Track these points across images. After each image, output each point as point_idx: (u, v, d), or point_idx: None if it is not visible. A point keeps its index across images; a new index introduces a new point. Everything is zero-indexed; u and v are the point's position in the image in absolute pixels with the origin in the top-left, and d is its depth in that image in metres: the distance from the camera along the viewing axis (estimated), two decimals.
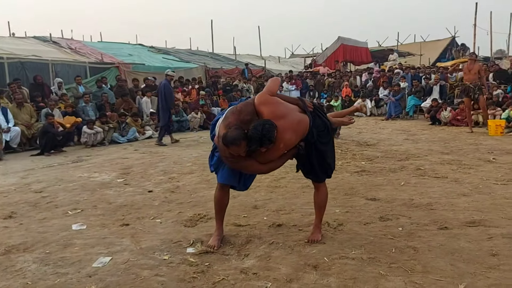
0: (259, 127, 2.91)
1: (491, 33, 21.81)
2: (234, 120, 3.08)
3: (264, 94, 3.17)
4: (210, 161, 3.57)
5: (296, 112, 3.20)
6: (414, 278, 2.72)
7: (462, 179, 5.33)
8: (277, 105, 3.14)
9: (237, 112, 3.13)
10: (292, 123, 3.11)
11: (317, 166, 3.36)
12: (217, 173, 3.52)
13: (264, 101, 3.12)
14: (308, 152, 3.30)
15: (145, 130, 10.96)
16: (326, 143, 3.36)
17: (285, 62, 29.04)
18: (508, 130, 9.46)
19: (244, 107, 3.16)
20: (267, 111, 3.07)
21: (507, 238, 3.29)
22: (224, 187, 3.48)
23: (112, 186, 5.64)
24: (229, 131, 2.96)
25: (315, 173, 3.42)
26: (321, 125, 3.31)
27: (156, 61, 18.32)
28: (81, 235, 3.78)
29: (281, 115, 3.09)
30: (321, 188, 3.51)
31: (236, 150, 2.98)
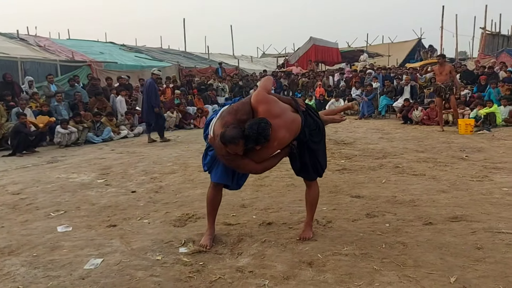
0: (255, 126, 2.94)
1: (456, 35, 22.63)
2: (231, 119, 3.09)
3: (262, 92, 3.19)
4: (204, 160, 3.56)
5: (290, 112, 3.24)
6: (407, 272, 2.81)
7: (439, 176, 5.52)
8: (273, 104, 3.18)
9: (233, 112, 3.15)
10: (286, 122, 3.15)
11: (309, 165, 3.41)
12: (210, 173, 3.53)
13: (261, 100, 3.14)
14: (300, 151, 3.35)
15: (120, 130, 10.77)
16: (318, 142, 3.42)
17: (258, 62, 29.13)
18: (477, 129, 9.84)
19: (241, 107, 3.17)
20: (263, 110, 3.10)
21: (489, 232, 3.44)
22: (218, 186, 3.49)
23: (93, 186, 5.52)
24: (227, 130, 2.97)
25: (307, 172, 3.47)
26: (313, 124, 3.37)
27: (129, 60, 18.02)
28: (68, 237, 3.69)
29: (276, 114, 3.12)
30: (312, 187, 3.56)
31: (234, 148, 3.00)
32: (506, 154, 6.97)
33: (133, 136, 10.95)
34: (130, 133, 10.94)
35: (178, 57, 22.01)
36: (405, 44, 27.63)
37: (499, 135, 9.25)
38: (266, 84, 3.33)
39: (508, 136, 8.98)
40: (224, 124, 3.08)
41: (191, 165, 6.77)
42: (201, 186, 5.32)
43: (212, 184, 3.51)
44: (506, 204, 4.21)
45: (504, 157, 6.73)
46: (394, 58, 24.96)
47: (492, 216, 3.83)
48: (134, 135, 11.04)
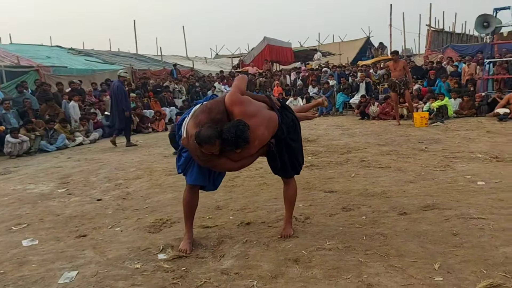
0: (233, 129, 2.85)
1: (404, 32, 23.52)
2: (204, 118, 3.00)
3: (235, 93, 3.11)
4: (177, 162, 3.45)
5: (266, 110, 3.20)
6: (391, 262, 2.85)
7: (404, 167, 5.68)
8: (247, 104, 3.10)
9: (207, 111, 3.06)
10: (264, 120, 3.10)
11: (287, 162, 3.38)
12: (185, 175, 3.42)
13: (235, 101, 3.06)
14: (278, 149, 3.32)
15: (75, 137, 10.30)
16: (296, 139, 3.40)
17: (212, 63, 28.93)
18: (431, 121, 10.26)
19: (215, 105, 3.09)
20: (239, 111, 3.02)
21: (462, 219, 3.56)
22: (194, 188, 3.39)
23: (54, 197, 5.23)
24: (202, 130, 2.88)
25: (285, 170, 3.44)
26: (290, 121, 3.34)
27: (78, 64, 17.34)
28: (35, 251, 3.46)
29: (252, 113, 3.05)
30: (290, 184, 3.54)
31: (209, 148, 2.91)
32: (461, 144, 7.30)
33: (89, 143, 10.52)
34: (85, 140, 10.49)
35: (130, 60, 21.42)
36: (355, 42, 28.37)
37: (452, 126, 9.69)
38: (240, 84, 3.24)
39: (461, 127, 9.42)
40: (197, 124, 2.99)
41: (156, 169, 6.58)
42: (170, 191, 5.17)
43: (187, 186, 3.40)
44: (471, 191, 4.39)
45: (460, 147, 7.04)
46: (345, 57, 25.54)
47: (461, 203, 3.98)
48: (90, 141, 10.60)
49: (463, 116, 11.24)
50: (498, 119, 9.99)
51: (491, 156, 6.02)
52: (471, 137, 8.00)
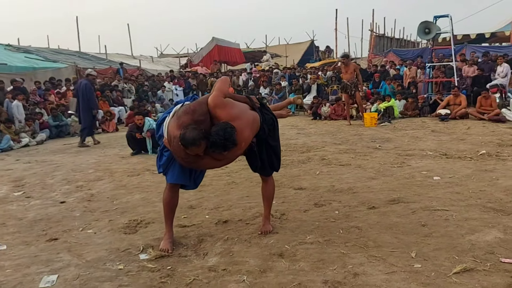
0: (221, 132, 2.88)
1: (348, 37, 24.50)
2: (187, 120, 2.99)
3: (218, 97, 3.09)
4: (159, 161, 3.41)
5: (248, 110, 3.26)
6: (371, 252, 3.02)
7: (364, 165, 5.96)
8: (231, 106, 3.13)
9: (190, 112, 3.05)
10: (248, 121, 3.15)
11: (266, 161, 3.46)
12: (165, 174, 3.40)
13: (218, 104, 3.06)
14: (259, 148, 3.38)
15: (21, 138, 9.72)
16: (276, 138, 3.49)
17: (159, 62, 28.39)
18: (379, 122, 10.78)
19: (198, 107, 3.08)
20: (223, 114, 3.05)
21: (427, 211, 3.83)
22: (174, 187, 3.38)
23: (11, 200, 4.95)
24: (187, 132, 2.87)
25: (264, 168, 3.50)
26: (270, 121, 3.42)
27: (18, 61, 16.38)
28: (5, 256, 3.29)
29: (236, 115, 3.09)
30: (269, 181, 3.61)
31: (195, 150, 2.92)
32: (411, 142, 7.76)
33: (35, 144, 9.97)
34: (32, 141, 9.93)
35: (73, 58, 20.56)
36: (300, 45, 29.03)
37: (399, 126, 10.25)
38: (222, 87, 3.20)
39: (407, 127, 9.99)
40: (180, 125, 2.98)
41: (116, 170, 6.40)
42: (137, 192, 5.08)
43: (168, 185, 3.39)
44: (429, 185, 4.71)
45: (410, 145, 7.49)
46: (291, 59, 26.12)
47: (423, 197, 4.27)
48: (37, 142, 10.05)
49: (407, 116, 11.91)
50: (440, 119, 10.70)
51: (440, 153, 6.47)
52: (418, 136, 8.53)
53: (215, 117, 3.06)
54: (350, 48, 25.42)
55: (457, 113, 10.81)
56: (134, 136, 7.56)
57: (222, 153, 3.00)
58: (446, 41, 18.75)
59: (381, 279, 2.62)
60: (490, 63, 13.41)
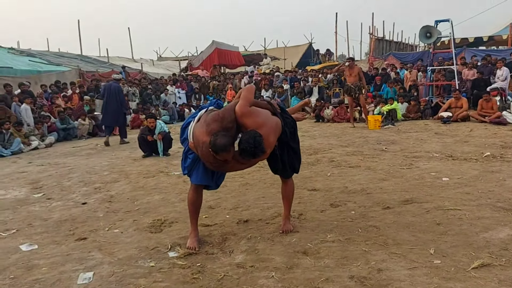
0: (251, 140, 3.03)
1: (347, 40, 24.76)
2: (217, 127, 3.13)
3: (245, 106, 3.24)
4: (183, 163, 3.56)
5: (271, 116, 3.42)
6: (392, 250, 3.17)
7: (373, 166, 6.12)
8: (257, 115, 3.29)
9: (219, 120, 3.19)
10: (272, 128, 3.32)
11: (287, 163, 3.60)
12: (189, 176, 3.54)
13: (245, 113, 3.22)
14: (281, 151, 3.54)
15: (31, 141, 9.85)
16: (297, 140, 3.65)
17: (159, 65, 28.55)
18: (383, 124, 10.96)
19: (227, 115, 3.22)
20: (250, 122, 3.21)
21: (440, 210, 3.99)
22: (199, 187, 3.52)
23: (33, 202, 5.09)
24: (218, 139, 3.02)
25: (285, 170, 3.65)
26: (291, 123, 3.59)
27: (22, 64, 16.52)
28: (38, 255, 3.43)
29: (262, 123, 3.25)
30: (288, 183, 3.76)
31: (225, 156, 3.07)
32: (416, 144, 7.93)
33: (44, 147, 10.09)
34: (41, 144, 10.06)
35: (75, 61, 20.72)
36: (298, 48, 29.24)
37: (402, 128, 10.43)
38: (248, 96, 3.35)
39: (410, 129, 10.18)
40: (210, 132, 3.12)
41: (130, 172, 6.54)
42: (156, 192, 5.22)
43: (193, 186, 3.53)
44: (440, 186, 4.88)
45: (415, 147, 7.66)
46: (289, 61, 26.32)
47: (435, 197, 4.43)
48: (46, 145, 10.17)
49: (410, 119, 12.10)
50: (442, 121, 10.89)
51: (446, 155, 6.64)
52: (422, 138, 8.70)
53: (242, 125, 3.23)
54: (349, 51, 25.70)
55: (458, 116, 11.00)
56: (145, 139, 7.70)
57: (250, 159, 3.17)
58: (444, 45, 18.99)
59: (404, 274, 2.77)
60: (489, 67, 13.62)
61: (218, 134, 3.05)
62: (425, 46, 22.45)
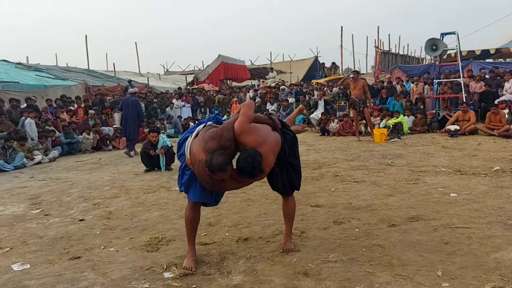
0: (249, 159, 2.93)
1: (353, 53, 24.73)
2: (214, 146, 3.02)
3: (244, 123, 3.12)
4: (180, 180, 3.44)
5: (271, 133, 3.30)
6: (397, 271, 3.02)
7: (379, 181, 5.97)
8: (256, 132, 3.17)
9: (217, 138, 3.07)
10: (272, 146, 3.21)
11: (286, 181, 3.46)
12: (187, 192, 3.43)
13: (245, 131, 3.11)
14: (280, 168, 3.41)
15: (34, 155, 9.82)
16: (297, 156, 3.53)
17: (166, 79, 28.68)
18: (389, 138, 10.81)
19: (225, 133, 3.10)
20: (250, 140, 3.09)
21: (448, 228, 3.83)
22: (197, 205, 3.40)
23: (30, 218, 4.99)
24: (214, 158, 2.91)
25: (285, 188, 3.51)
26: (291, 140, 3.46)
27: (29, 79, 16.65)
28: (30, 275, 3.31)
29: (261, 141, 3.13)
30: (289, 200, 3.62)
31: (222, 175, 2.95)
32: (423, 158, 7.77)
33: (48, 161, 10.05)
34: (44, 158, 10.03)
35: (82, 75, 20.86)
36: (304, 61, 29.23)
37: (409, 142, 10.27)
38: (248, 113, 3.21)
39: (417, 143, 10.02)
40: (207, 150, 3.02)
41: (131, 187, 6.44)
42: (155, 209, 5.11)
43: (190, 204, 3.41)
44: (447, 202, 4.71)
45: (422, 161, 7.50)
46: (295, 75, 26.29)
47: (442, 214, 4.26)
48: (49, 159, 10.14)
49: (416, 132, 11.95)
50: (450, 135, 10.72)
51: (454, 170, 6.47)
52: (429, 152, 8.54)
53: (240, 143, 3.11)
54: (355, 64, 25.67)
55: (466, 129, 10.84)
56: (148, 153, 7.62)
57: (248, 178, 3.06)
58: (451, 57, 18.85)
59: None
60: (497, 79, 13.46)
61: (214, 153, 2.94)
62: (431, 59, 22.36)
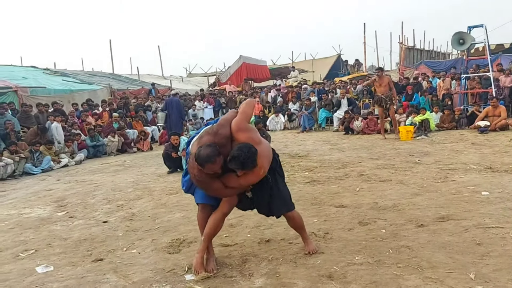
0: (245, 149, 2.88)
1: (377, 50, 24.33)
2: (207, 141, 2.98)
3: (242, 121, 3.10)
4: (183, 178, 3.43)
5: (264, 140, 3.25)
6: (426, 274, 2.88)
7: (405, 180, 5.78)
8: (253, 132, 3.16)
9: (213, 134, 3.05)
10: (267, 148, 3.17)
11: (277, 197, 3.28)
12: (193, 194, 3.37)
13: (242, 128, 3.08)
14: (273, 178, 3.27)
15: (60, 158, 9.99)
16: (282, 174, 3.44)
17: (188, 81, 28.93)
18: (415, 135, 10.52)
19: (221, 130, 3.07)
20: (245, 137, 3.03)
21: (480, 228, 3.65)
22: (205, 207, 3.33)
23: (55, 220, 5.05)
24: (202, 150, 2.87)
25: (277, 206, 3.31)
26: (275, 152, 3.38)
27: (56, 84, 16.99)
28: (53, 277, 3.32)
29: (258, 141, 3.08)
30: (291, 216, 3.40)
31: (211, 168, 2.89)
32: (451, 156, 7.51)
33: (74, 164, 10.22)
34: (71, 161, 10.19)
35: (107, 80, 21.18)
36: (326, 60, 28.92)
37: (436, 139, 9.97)
38: (248, 112, 3.19)
39: (445, 140, 9.71)
40: (199, 144, 2.99)
41: (154, 189, 6.46)
42: (177, 210, 5.08)
43: (199, 206, 3.38)
44: (479, 201, 4.51)
45: (451, 158, 7.24)
46: (317, 74, 26.04)
47: (474, 213, 4.07)
48: (76, 162, 10.30)
49: (444, 129, 11.60)
50: (479, 131, 10.36)
51: (485, 167, 6.22)
52: (458, 149, 8.25)
53: (236, 140, 3.05)
54: (379, 61, 25.23)
55: (497, 125, 10.45)
56: (170, 155, 7.64)
57: (235, 174, 2.98)
58: (479, 51, 18.33)
59: None
60: None
61: (202, 146, 2.90)
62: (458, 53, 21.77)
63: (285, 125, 15.92)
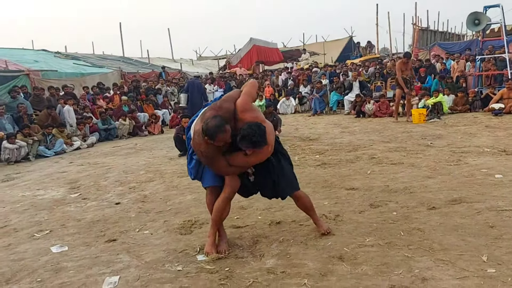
0: (255, 127, 2.88)
1: (389, 31, 23.85)
2: (211, 115, 2.97)
3: (247, 101, 3.10)
4: (188, 165, 3.40)
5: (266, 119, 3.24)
6: (438, 256, 2.87)
7: (417, 163, 5.73)
8: (258, 112, 3.17)
9: (216, 108, 3.05)
10: (271, 128, 3.14)
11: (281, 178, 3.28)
12: (200, 179, 3.37)
13: (247, 108, 3.07)
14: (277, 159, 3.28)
15: (73, 141, 10.10)
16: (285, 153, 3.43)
17: (199, 64, 28.80)
18: (428, 118, 10.39)
19: (225, 105, 3.07)
20: (251, 117, 3.03)
21: (493, 211, 3.61)
22: (214, 190, 3.32)
23: (69, 202, 5.12)
24: (209, 122, 2.87)
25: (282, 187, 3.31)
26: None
27: (67, 67, 17.05)
28: (67, 257, 3.38)
29: (263, 119, 3.10)
30: (298, 196, 3.40)
31: (222, 138, 2.89)
32: (464, 139, 7.41)
33: (86, 147, 10.31)
34: (83, 144, 10.30)
35: (117, 63, 21.21)
36: (338, 42, 28.45)
37: (449, 122, 9.84)
38: (252, 92, 3.20)
39: (458, 122, 9.58)
40: (203, 119, 2.98)
41: (166, 172, 6.50)
42: (188, 192, 5.12)
43: (208, 190, 3.38)
44: (492, 184, 4.46)
45: (464, 141, 7.15)
46: (329, 56, 25.70)
47: (487, 196, 4.04)
48: (88, 145, 10.40)
49: (457, 112, 11.43)
50: (493, 114, 10.20)
51: (499, 150, 6.13)
52: (471, 132, 8.14)
53: (240, 119, 3.04)
54: (392, 43, 24.81)
55: (511, 107, 10.25)
56: (181, 138, 7.66)
57: (245, 152, 2.98)
58: (494, 32, 17.87)
59: (453, 284, 2.47)
60: None
61: (208, 119, 2.90)
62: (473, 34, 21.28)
63: (296, 108, 15.82)
